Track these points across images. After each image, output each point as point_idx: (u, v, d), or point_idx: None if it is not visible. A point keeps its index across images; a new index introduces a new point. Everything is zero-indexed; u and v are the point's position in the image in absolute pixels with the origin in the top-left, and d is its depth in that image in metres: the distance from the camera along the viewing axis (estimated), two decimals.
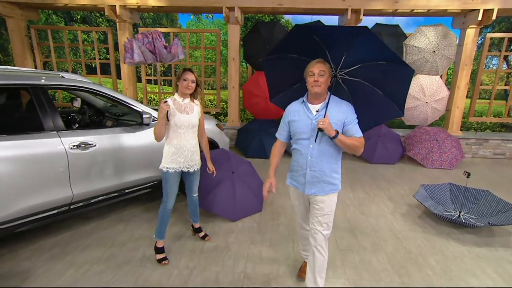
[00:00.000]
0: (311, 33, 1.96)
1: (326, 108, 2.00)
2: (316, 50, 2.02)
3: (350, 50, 1.93)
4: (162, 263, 2.67)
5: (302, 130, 2.06)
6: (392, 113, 2.15)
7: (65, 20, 19.09)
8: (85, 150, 2.90)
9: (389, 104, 2.10)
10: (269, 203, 3.93)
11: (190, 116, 2.64)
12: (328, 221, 2.15)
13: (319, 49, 2.02)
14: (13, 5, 6.21)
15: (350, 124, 2.02)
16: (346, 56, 1.97)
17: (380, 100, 2.11)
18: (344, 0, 5.65)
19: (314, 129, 2.00)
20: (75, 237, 3.08)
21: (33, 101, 2.73)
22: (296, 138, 2.13)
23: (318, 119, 1.98)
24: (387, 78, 2.02)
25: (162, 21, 26.50)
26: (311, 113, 2.05)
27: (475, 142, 6.50)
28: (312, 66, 1.97)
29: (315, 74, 1.95)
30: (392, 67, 1.95)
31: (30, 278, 2.45)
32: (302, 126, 2.06)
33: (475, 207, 3.64)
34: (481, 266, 2.76)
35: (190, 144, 2.68)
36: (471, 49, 6.03)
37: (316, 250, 2.17)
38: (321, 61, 1.97)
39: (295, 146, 2.16)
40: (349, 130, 2.02)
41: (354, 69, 2.06)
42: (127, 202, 3.75)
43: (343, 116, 2.01)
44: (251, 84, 6.47)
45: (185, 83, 2.58)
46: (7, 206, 2.51)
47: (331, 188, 2.12)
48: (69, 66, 7.40)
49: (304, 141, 2.07)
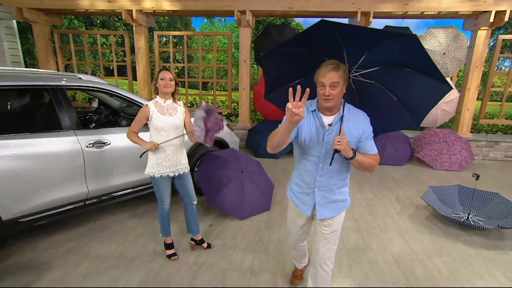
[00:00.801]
0: (335, 28, 1.64)
1: (341, 122, 1.71)
2: (332, 47, 1.75)
3: (375, 49, 1.69)
4: (171, 259, 2.75)
5: (312, 145, 1.78)
6: (405, 122, 1.93)
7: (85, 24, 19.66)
8: (100, 148, 3.03)
9: (403, 113, 1.87)
10: (277, 202, 3.99)
11: (173, 117, 2.55)
12: (336, 237, 1.96)
13: (336, 46, 1.74)
14: (38, 11, 6.55)
15: (366, 139, 1.75)
16: (367, 55, 1.73)
17: (393, 107, 1.87)
18: (354, 3, 5.68)
19: (325, 145, 1.75)
20: (91, 231, 3.22)
21: (52, 101, 2.89)
22: (303, 153, 1.85)
23: (331, 134, 1.73)
24: (413, 89, 1.79)
25: (177, 25, 26.93)
26: (324, 127, 1.75)
27: (486, 144, 6.40)
28: (323, 75, 1.63)
29: (326, 86, 1.63)
30: (426, 80, 1.69)
31: (48, 270, 2.59)
32: (312, 141, 1.77)
33: (484, 209, 3.61)
34: (489, 269, 2.75)
35: (175, 147, 2.58)
36: (483, 51, 5.96)
37: (320, 268, 1.95)
38: (334, 68, 1.62)
39: (301, 161, 1.89)
40: (364, 146, 1.76)
41: (372, 71, 1.81)
42: (140, 198, 3.86)
43: (359, 132, 1.73)
44: (261, 85, 6.56)
45: (163, 82, 2.48)
46: (27, 201, 2.66)
47: (342, 206, 1.93)
48: (89, 68, 7.69)
49: (313, 158, 1.81)
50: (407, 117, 1.88)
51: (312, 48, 1.83)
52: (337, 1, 5.75)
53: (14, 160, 2.55)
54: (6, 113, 3.16)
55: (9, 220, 2.59)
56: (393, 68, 1.77)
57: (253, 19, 6.34)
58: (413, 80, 1.74)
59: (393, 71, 1.77)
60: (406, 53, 1.64)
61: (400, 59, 1.70)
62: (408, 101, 1.84)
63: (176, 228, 3.25)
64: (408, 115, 1.87)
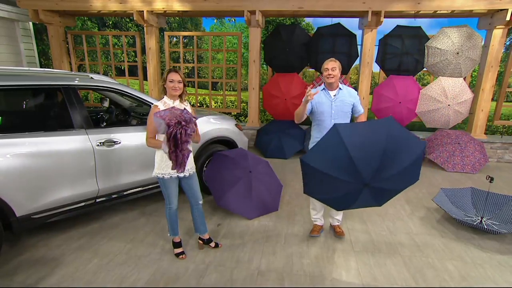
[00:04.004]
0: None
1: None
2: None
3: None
4: (179, 258, 2.77)
5: (325, 109, 2.86)
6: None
7: (98, 25, 20.01)
8: (111, 147, 3.08)
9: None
10: (286, 202, 3.98)
11: None
12: None
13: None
14: (53, 13, 6.71)
15: (357, 103, 2.95)
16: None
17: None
18: (364, 2, 5.61)
19: (334, 107, 2.84)
20: (101, 228, 3.27)
21: (64, 101, 2.94)
22: (319, 115, 2.88)
23: (336, 100, 2.85)
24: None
25: (187, 25, 27.14)
26: (330, 96, 2.87)
27: (501, 146, 6.23)
28: (327, 64, 2.79)
29: (329, 69, 2.78)
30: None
31: (60, 266, 2.64)
32: (325, 106, 2.85)
33: (498, 213, 3.52)
34: (503, 274, 2.68)
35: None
36: (498, 51, 5.81)
37: None
38: (332, 60, 2.82)
39: (318, 121, 2.91)
40: (355, 108, 2.95)
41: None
42: (150, 197, 3.89)
43: (352, 100, 2.91)
44: (271, 85, 6.55)
45: (172, 84, 2.49)
46: (40, 198, 2.72)
47: None
48: (101, 69, 7.84)
49: (327, 117, 2.86)
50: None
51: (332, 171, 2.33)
52: (348, 1, 5.68)
53: (28, 158, 2.61)
54: (21, 111, 3.23)
55: (23, 217, 2.65)
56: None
57: (262, 19, 6.34)
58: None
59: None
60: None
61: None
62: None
63: (184, 227, 3.27)
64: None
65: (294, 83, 6.37)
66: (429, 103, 6.03)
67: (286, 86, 6.36)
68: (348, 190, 2.26)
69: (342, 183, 2.23)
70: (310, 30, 20.38)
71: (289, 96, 6.33)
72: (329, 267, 2.72)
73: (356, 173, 2.14)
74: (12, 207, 2.56)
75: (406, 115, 6.21)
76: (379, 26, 5.90)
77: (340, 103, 2.86)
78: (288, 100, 6.35)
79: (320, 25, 6.50)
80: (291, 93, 6.32)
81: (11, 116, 3.11)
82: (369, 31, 6.03)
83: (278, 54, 6.32)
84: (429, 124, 6.30)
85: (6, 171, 2.51)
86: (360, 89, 6.31)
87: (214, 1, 5.98)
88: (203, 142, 3.80)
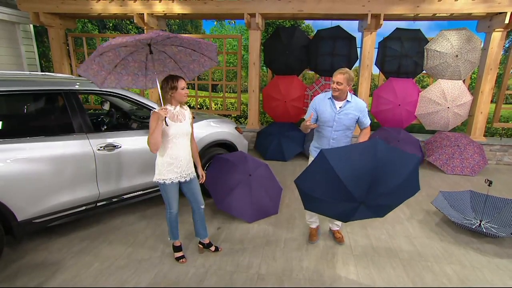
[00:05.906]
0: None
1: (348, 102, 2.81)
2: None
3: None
4: (180, 261, 2.79)
5: (328, 119, 2.80)
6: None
7: (98, 28, 20.00)
8: (111, 151, 3.09)
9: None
10: (285, 205, 3.99)
11: (183, 123, 2.56)
12: None
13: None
14: (54, 15, 6.75)
15: (363, 117, 2.85)
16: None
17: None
18: (364, 5, 5.64)
19: (337, 119, 2.77)
20: (102, 232, 3.28)
21: (65, 105, 2.96)
22: (321, 123, 2.85)
23: (340, 113, 2.77)
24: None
25: (187, 28, 27.14)
26: (336, 108, 2.79)
27: (500, 149, 6.25)
28: (335, 76, 2.71)
29: (335, 82, 2.71)
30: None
31: (61, 270, 2.66)
32: (328, 116, 2.79)
33: (497, 216, 3.54)
34: (502, 277, 2.70)
35: (186, 153, 2.60)
36: (497, 53, 5.83)
37: None
38: (340, 72, 2.69)
39: (320, 129, 2.87)
40: (362, 121, 2.86)
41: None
42: (150, 201, 3.90)
43: (358, 113, 2.81)
44: (271, 88, 6.57)
45: (184, 91, 2.50)
46: (41, 202, 2.74)
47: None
48: None
49: (328, 128, 2.82)
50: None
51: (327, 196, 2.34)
52: (347, 3, 5.72)
53: (29, 163, 2.63)
54: (22, 116, 3.25)
55: (24, 221, 2.67)
56: None
57: (262, 21, 6.36)
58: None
59: None
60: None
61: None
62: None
63: (185, 231, 3.29)
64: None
65: (293, 85, 6.40)
66: (429, 106, 6.05)
67: (286, 88, 6.38)
68: (344, 209, 2.27)
69: (337, 204, 2.25)
70: (310, 32, 20.38)
71: (288, 98, 6.35)
72: (329, 271, 2.74)
73: (349, 194, 2.14)
74: (13, 211, 2.58)
75: (405, 117, 6.23)
76: (379, 28, 5.93)
77: (344, 116, 2.77)
78: (288, 102, 6.37)
79: (320, 27, 6.54)
80: (291, 95, 6.35)
81: (12, 121, 3.12)
82: (369, 34, 6.05)
83: (278, 56, 6.35)
84: (429, 126, 6.32)
85: (8, 176, 2.53)
86: (360, 91, 6.34)
87: (214, 4, 6.00)
88: (203, 145, 3.82)
